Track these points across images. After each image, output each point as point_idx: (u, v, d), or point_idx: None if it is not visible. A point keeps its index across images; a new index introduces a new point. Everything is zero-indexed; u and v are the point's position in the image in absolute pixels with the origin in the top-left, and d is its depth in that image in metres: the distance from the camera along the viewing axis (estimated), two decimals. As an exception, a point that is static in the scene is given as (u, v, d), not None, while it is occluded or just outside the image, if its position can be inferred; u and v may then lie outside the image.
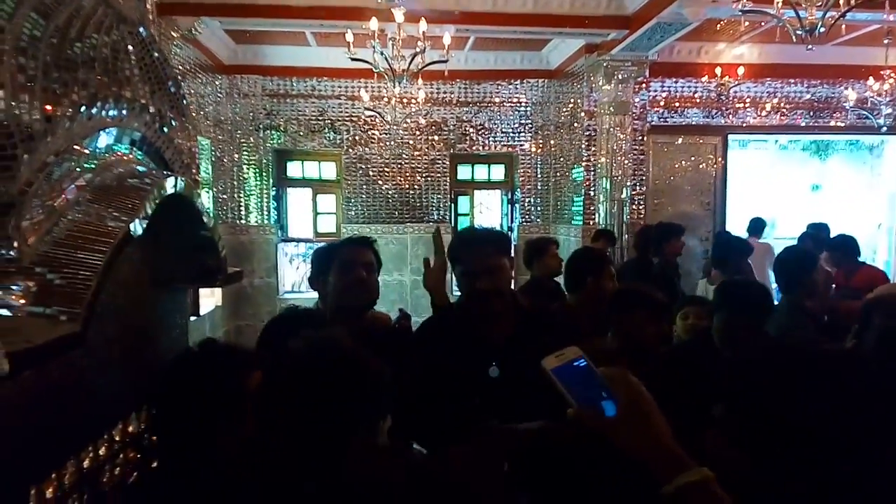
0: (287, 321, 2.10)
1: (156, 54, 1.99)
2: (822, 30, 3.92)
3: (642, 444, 0.88)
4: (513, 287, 2.31)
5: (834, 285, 4.35)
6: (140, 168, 1.86)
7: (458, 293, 2.25)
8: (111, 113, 1.68)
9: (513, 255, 2.29)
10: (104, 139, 1.70)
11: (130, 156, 1.89)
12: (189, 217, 2.03)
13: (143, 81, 1.89)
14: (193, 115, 6.31)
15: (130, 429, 1.58)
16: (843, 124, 8.07)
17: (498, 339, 2.08)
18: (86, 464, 1.43)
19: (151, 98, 1.93)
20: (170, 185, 1.77)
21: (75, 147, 1.55)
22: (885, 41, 6.73)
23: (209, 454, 1.25)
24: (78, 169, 1.55)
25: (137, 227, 1.52)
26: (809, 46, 4.11)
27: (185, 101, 2.27)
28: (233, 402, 1.30)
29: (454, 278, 2.18)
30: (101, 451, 1.48)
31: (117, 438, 1.56)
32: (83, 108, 1.55)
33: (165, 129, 2.03)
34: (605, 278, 3.01)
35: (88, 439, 1.44)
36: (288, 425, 1.19)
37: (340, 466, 1.13)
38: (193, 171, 2.42)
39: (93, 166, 1.63)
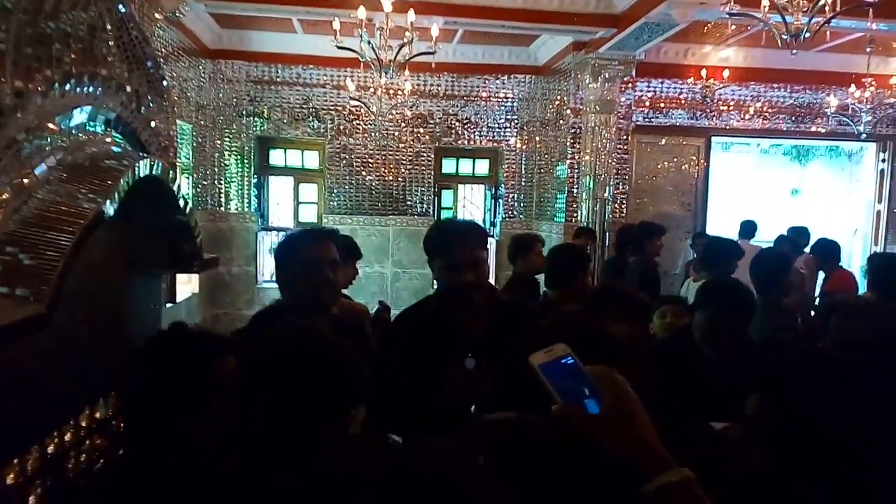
0: (276, 313, 2.07)
1: (134, 33, 1.95)
2: (808, 35, 3.96)
3: (625, 442, 0.89)
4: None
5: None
6: (115, 149, 1.82)
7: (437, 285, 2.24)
8: (86, 91, 1.64)
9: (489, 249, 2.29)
10: (78, 118, 1.66)
11: (105, 136, 1.85)
12: (164, 201, 2.00)
13: (121, 60, 1.84)
14: (175, 98, 6.22)
15: (98, 415, 1.55)
16: (823, 130, 8.18)
17: (476, 332, 2.09)
18: (50, 449, 1.40)
19: (129, 77, 1.89)
20: (144, 167, 1.74)
21: (47, 125, 1.51)
22: (868, 49, 6.81)
23: (177, 441, 1.23)
24: (49, 147, 1.51)
25: (109, 209, 1.49)
26: (794, 51, 4.16)
27: (164, 83, 2.22)
28: (202, 388, 1.27)
29: (432, 271, 2.15)
30: (67, 437, 1.45)
31: (84, 424, 1.53)
32: (56, 85, 1.51)
33: (142, 110, 1.99)
34: (587, 275, 3.04)
35: (53, 424, 1.41)
36: (265, 413, 1.17)
37: (317, 456, 1.11)
38: (171, 153, 2.37)
39: (65, 145, 1.59)
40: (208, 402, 1.28)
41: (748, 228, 6.95)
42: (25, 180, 1.32)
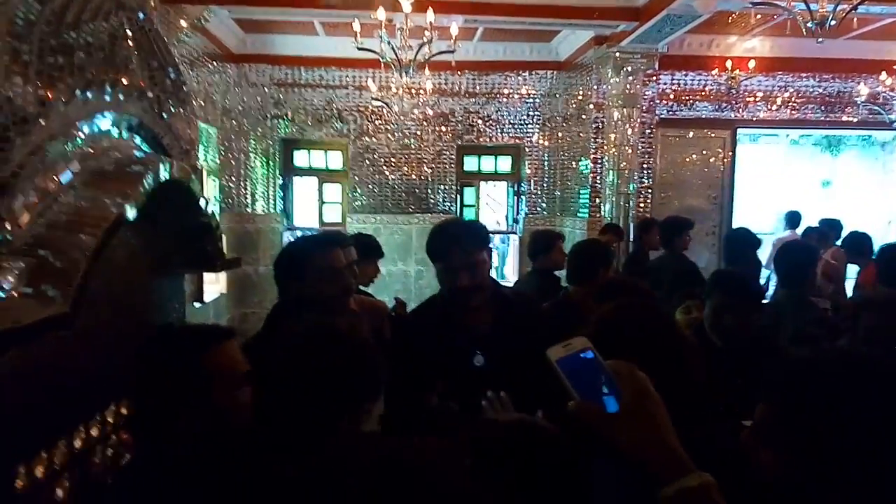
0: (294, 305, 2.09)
1: (155, 41, 2.00)
2: (833, 23, 3.88)
3: (643, 443, 0.85)
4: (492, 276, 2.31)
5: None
6: (137, 153, 1.87)
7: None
8: (107, 98, 1.69)
9: (492, 248, 2.28)
10: (101, 124, 1.71)
11: (127, 141, 1.90)
12: (187, 203, 2.04)
13: (142, 67, 1.89)
14: (199, 102, 6.34)
15: (123, 411, 1.60)
16: (854, 119, 7.98)
17: (482, 328, 2.10)
18: (77, 444, 1.45)
19: (150, 84, 1.94)
20: (166, 171, 1.78)
21: (71, 131, 1.56)
22: (899, 35, 6.65)
23: (179, 436, 1.26)
24: (73, 153, 1.57)
25: (131, 211, 1.53)
26: (820, 39, 4.07)
27: (185, 88, 2.28)
28: (193, 384, 1.29)
29: (435, 273, 2.16)
30: (94, 433, 1.50)
31: (110, 420, 1.58)
32: (78, 93, 1.56)
33: (164, 116, 2.04)
34: (609, 271, 3.04)
35: (80, 420, 1.46)
36: (280, 406, 1.19)
37: (323, 450, 1.13)
38: (192, 157, 2.43)
39: (89, 151, 1.64)
40: (204, 396, 1.29)
41: (794, 218, 6.83)
42: (51, 185, 1.37)
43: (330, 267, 2.14)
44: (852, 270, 5.20)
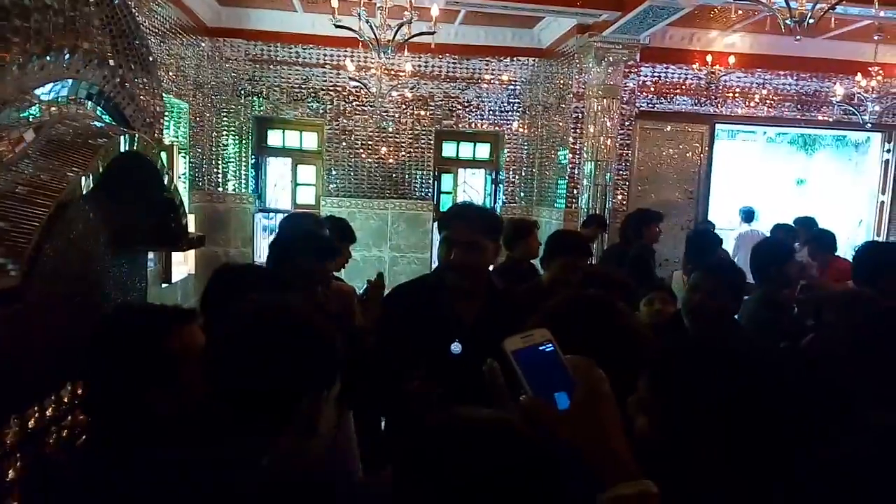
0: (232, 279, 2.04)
1: (118, 5, 1.91)
2: (812, 21, 3.91)
3: (587, 443, 0.82)
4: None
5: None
6: (97, 123, 1.79)
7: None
8: (66, 64, 1.60)
9: (500, 242, 2.27)
10: (59, 91, 1.62)
11: (87, 110, 1.82)
12: (148, 178, 1.97)
13: (104, 34, 1.80)
14: (170, 75, 6.16)
15: (80, 391, 1.54)
16: (829, 119, 8.08)
17: (466, 317, 2.07)
18: (31, 424, 1.39)
19: (113, 52, 1.85)
20: (126, 143, 1.71)
21: (25, 97, 1.48)
22: (875, 37, 6.72)
23: (138, 419, 1.20)
24: (29, 120, 1.48)
25: (87, 183, 1.46)
26: (798, 37, 4.12)
27: (151, 58, 2.18)
28: (152, 365, 1.23)
29: (437, 244, 2.18)
30: (48, 412, 1.44)
31: (66, 400, 1.52)
32: (35, 58, 1.47)
33: (126, 85, 1.95)
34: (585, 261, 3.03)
35: (34, 399, 1.39)
36: (228, 391, 1.11)
37: (273, 449, 1.08)
38: (156, 130, 2.34)
39: (46, 119, 1.56)
40: (164, 378, 1.24)
41: (749, 214, 7.09)
42: (4, 152, 1.30)
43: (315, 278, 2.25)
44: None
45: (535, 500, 0.86)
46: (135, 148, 1.78)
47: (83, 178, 1.47)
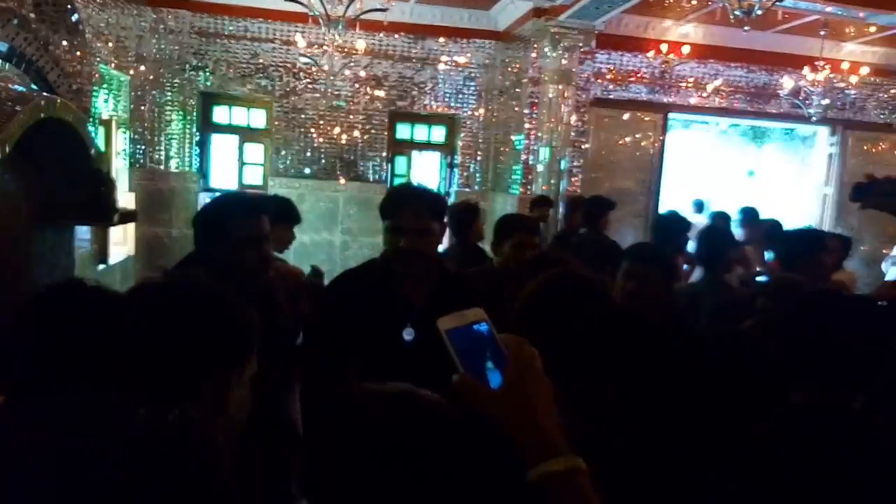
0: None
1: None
2: (759, 12, 3.98)
3: (516, 421, 0.80)
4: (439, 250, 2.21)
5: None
6: (17, 87, 1.63)
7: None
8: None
9: (445, 222, 2.17)
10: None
11: (4, 72, 1.66)
12: (75, 147, 1.83)
13: (22, -9, 1.64)
14: (109, 45, 5.82)
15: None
16: (777, 111, 8.26)
17: (417, 301, 1.99)
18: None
19: (36, 12, 1.70)
20: (47, 109, 1.57)
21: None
22: (822, 33, 6.88)
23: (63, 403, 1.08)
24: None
25: (2, 150, 1.34)
26: (746, 28, 4.19)
27: (79, 22, 2.02)
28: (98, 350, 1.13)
29: (382, 232, 2.07)
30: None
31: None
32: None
33: (49, 48, 1.80)
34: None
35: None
36: (134, 364, 1.04)
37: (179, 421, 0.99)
38: (84, 99, 2.19)
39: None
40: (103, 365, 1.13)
41: (700, 205, 7.26)
42: None
43: (253, 236, 2.05)
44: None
45: (440, 470, 0.85)
46: (57, 114, 1.64)
47: (1, 144, 1.33)
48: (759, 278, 3.71)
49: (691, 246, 4.05)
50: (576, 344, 1.27)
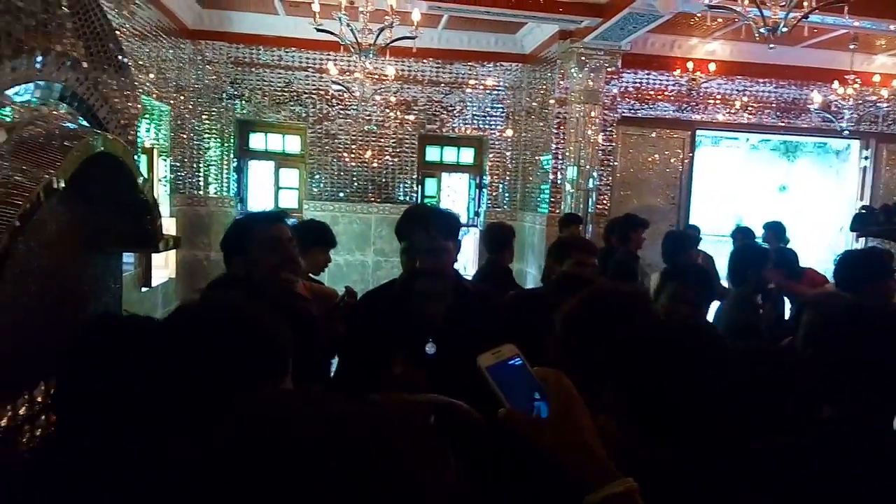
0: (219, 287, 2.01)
1: (93, 10, 1.90)
2: (785, 30, 3.99)
3: (570, 449, 0.87)
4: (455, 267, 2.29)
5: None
6: (69, 125, 1.78)
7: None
8: (38, 66, 1.59)
9: (460, 240, 2.24)
10: (31, 93, 1.61)
11: (59, 112, 1.81)
12: (123, 179, 1.96)
13: (77, 36, 1.80)
14: (150, 77, 6.11)
15: (53, 391, 1.52)
16: (808, 126, 8.20)
17: (437, 317, 2.08)
18: (3, 423, 1.38)
19: (86, 54, 1.85)
20: (97, 144, 1.70)
21: (-3, 98, 1.47)
22: (851, 46, 6.85)
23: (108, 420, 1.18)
24: (0, 121, 1.47)
25: (58, 183, 1.46)
26: (772, 46, 4.20)
27: (124, 60, 2.17)
28: (131, 376, 1.21)
29: (399, 253, 2.15)
30: (21, 411, 1.42)
31: (39, 400, 1.50)
32: (6, 59, 1.46)
33: (99, 87, 1.95)
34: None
35: (5, 397, 1.38)
36: (171, 383, 1.12)
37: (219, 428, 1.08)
38: (131, 133, 2.34)
39: (17, 120, 1.55)
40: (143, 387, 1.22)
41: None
42: (-28, 154, 1.29)
43: (272, 238, 2.13)
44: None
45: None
46: (107, 149, 1.77)
47: (55, 179, 1.46)
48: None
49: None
50: (623, 356, 1.29)
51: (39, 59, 1.60)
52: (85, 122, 1.95)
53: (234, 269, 2.18)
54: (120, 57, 2.15)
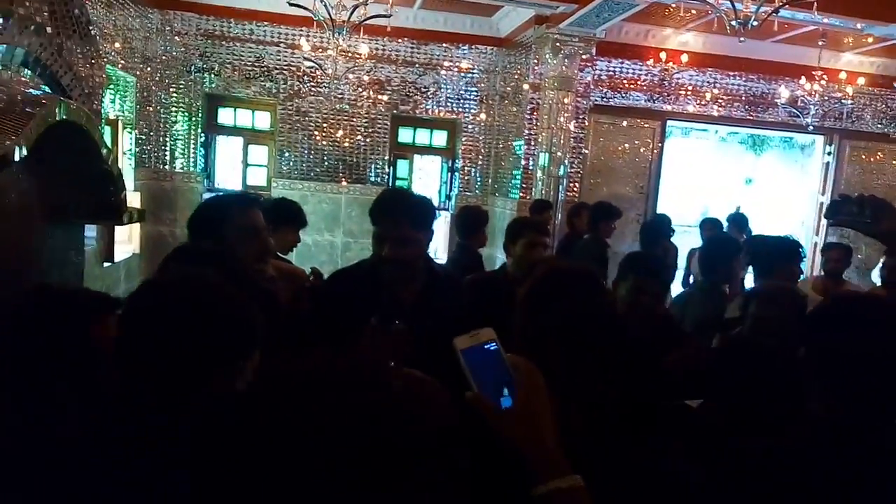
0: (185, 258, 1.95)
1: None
2: (756, 23, 4.05)
3: (525, 440, 0.89)
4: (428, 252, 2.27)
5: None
6: (33, 91, 1.72)
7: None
8: (0, 29, 1.52)
9: (432, 229, 2.21)
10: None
11: (20, 76, 1.74)
12: (85, 149, 1.90)
13: (41, 0, 1.73)
14: (115, 47, 5.92)
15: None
16: (775, 120, 8.34)
17: (406, 299, 2.08)
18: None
19: (50, 19, 1.78)
20: (62, 112, 1.64)
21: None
22: (820, 43, 6.97)
23: (52, 409, 1.15)
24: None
25: (20, 151, 1.41)
26: (742, 39, 4.25)
27: (90, 27, 2.10)
28: (75, 352, 1.17)
29: (371, 237, 2.13)
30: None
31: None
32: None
33: (63, 54, 1.88)
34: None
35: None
36: (144, 362, 1.09)
37: (201, 410, 1.05)
38: (95, 102, 2.26)
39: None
40: (85, 369, 1.18)
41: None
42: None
43: (249, 226, 2.03)
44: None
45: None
46: (70, 117, 1.71)
47: (16, 147, 1.41)
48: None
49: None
50: (575, 333, 1.31)
51: (1, 21, 1.53)
52: (47, 89, 1.88)
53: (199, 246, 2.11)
54: (86, 23, 2.08)
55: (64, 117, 1.67)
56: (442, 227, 8.10)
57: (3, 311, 1.25)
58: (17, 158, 1.39)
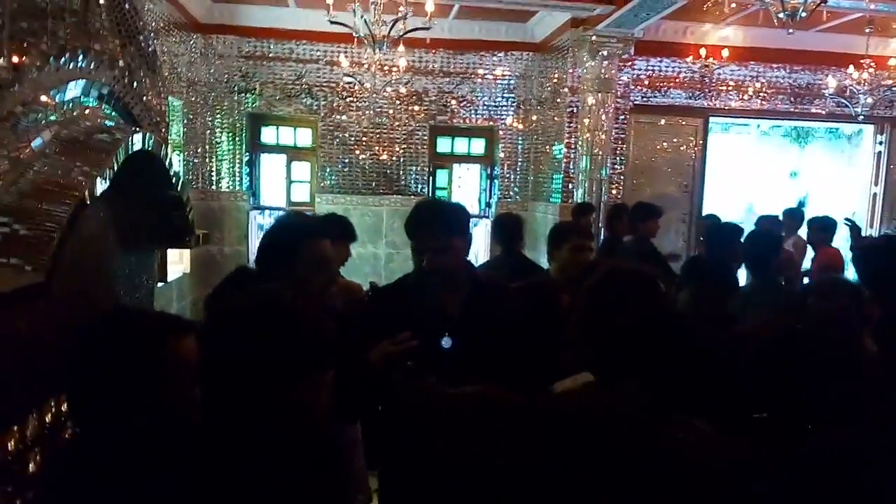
0: (238, 282, 2.01)
1: (127, 7, 1.91)
2: (804, 14, 3.95)
3: None
4: (469, 260, 2.28)
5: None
6: (108, 123, 1.80)
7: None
8: (79, 65, 1.61)
9: (470, 234, 2.20)
10: (72, 92, 1.63)
11: (98, 110, 1.82)
12: (157, 176, 1.97)
13: (113, 34, 1.81)
14: (165, 73, 6.12)
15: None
16: (822, 111, 8.13)
17: (452, 310, 2.08)
18: (48, 419, 1.39)
19: (121, 52, 1.86)
20: (137, 142, 1.72)
21: (42, 98, 1.48)
22: (867, 30, 6.77)
23: (133, 426, 1.19)
24: (45, 121, 1.49)
25: (103, 183, 1.47)
26: (791, 31, 4.15)
27: (156, 58, 2.18)
28: (157, 369, 1.19)
29: (410, 251, 2.18)
30: (64, 408, 1.44)
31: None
32: (51, 59, 1.48)
33: (135, 85, 1.96)
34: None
35: (50, 393, 1.39)
36: (222, 381, 1.16)
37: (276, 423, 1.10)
38: (162, 129, 2.34)
39: (60, 119, 1.56)
40: (164, 385, 1.20)
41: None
42: (22, 154, 1.30)
43: (320, 257, 2.04)
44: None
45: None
46: (148, 147, 1.78)
47: (99, 178, 1.48)
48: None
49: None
50: (632, 337, 1.33)
51: (81, 58, 1.61)
52: (122, 121, 1.96)
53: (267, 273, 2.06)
54: (153, 55, 2.15)
55: (142, 147, 1.74)
56: (482, 234, 8.11)
57: (85, 334, 1.30)
58: (98, 193, 1.43)
